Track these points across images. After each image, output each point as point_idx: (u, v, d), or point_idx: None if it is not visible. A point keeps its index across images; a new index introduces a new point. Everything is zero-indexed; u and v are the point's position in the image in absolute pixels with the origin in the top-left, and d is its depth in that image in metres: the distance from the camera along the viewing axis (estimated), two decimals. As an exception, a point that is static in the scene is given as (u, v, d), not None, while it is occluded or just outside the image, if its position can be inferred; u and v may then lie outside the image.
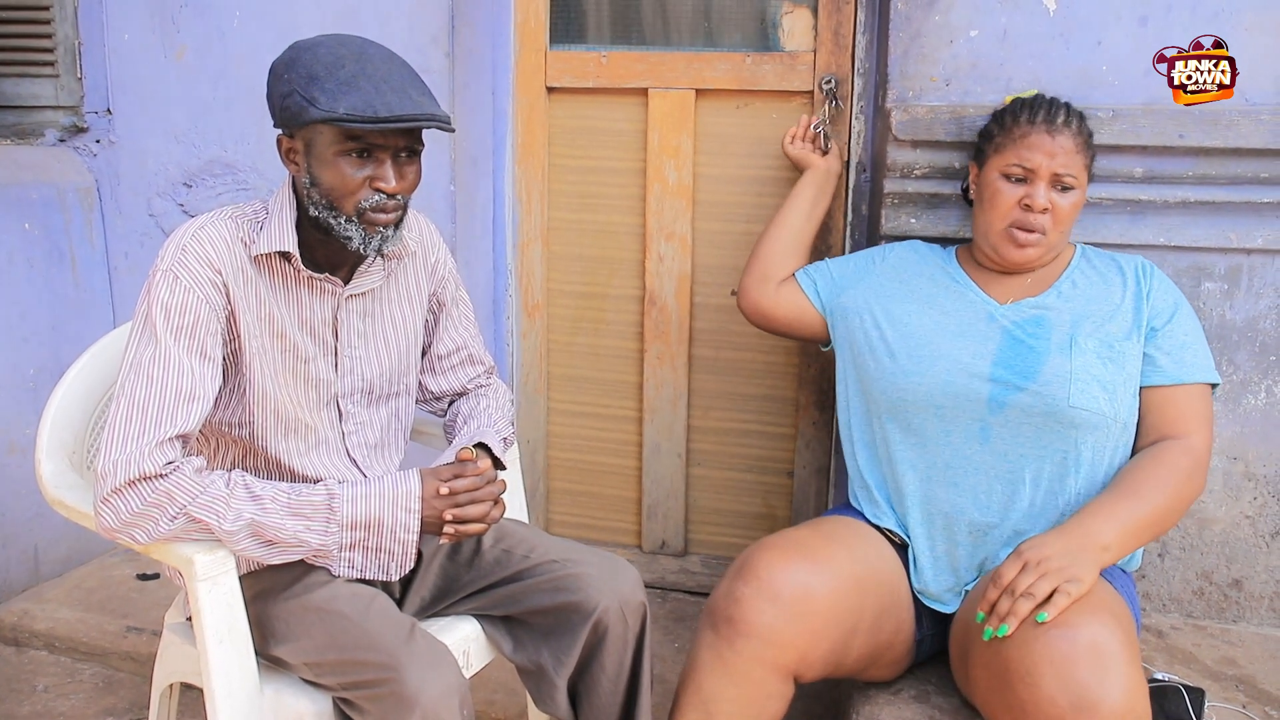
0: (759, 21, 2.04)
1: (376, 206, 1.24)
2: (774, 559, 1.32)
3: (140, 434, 1.19)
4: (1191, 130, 1.69)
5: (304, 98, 1.18)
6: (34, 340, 2.15)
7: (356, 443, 1.44)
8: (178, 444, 1.22)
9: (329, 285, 1.35)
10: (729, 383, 2.19)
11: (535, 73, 2.13)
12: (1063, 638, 1.17)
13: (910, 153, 1.80)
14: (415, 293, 1.48)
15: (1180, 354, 1.46)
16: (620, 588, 1.38)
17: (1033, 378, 1.43)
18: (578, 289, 2.23)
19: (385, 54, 1.25)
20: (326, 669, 1.27)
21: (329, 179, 1.23)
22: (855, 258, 1.70)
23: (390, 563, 1.30)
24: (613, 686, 1.38)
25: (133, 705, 1.90)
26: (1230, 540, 1.89)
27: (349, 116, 1.16)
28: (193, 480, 1.20)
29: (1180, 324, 1.48)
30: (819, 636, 1.30)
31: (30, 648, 2.07)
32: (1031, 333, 1.47)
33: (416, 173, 1.28)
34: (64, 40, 2.23)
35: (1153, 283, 1.50)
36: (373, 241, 1.27)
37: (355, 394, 1.42)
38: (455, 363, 1.58)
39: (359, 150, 1.22)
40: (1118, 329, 1.46)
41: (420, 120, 1.20)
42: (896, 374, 1.50)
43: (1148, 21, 1.73)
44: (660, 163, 2.10)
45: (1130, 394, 1.45)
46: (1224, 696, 1.71)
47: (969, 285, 1.56)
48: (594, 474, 2.32)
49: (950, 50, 1.80)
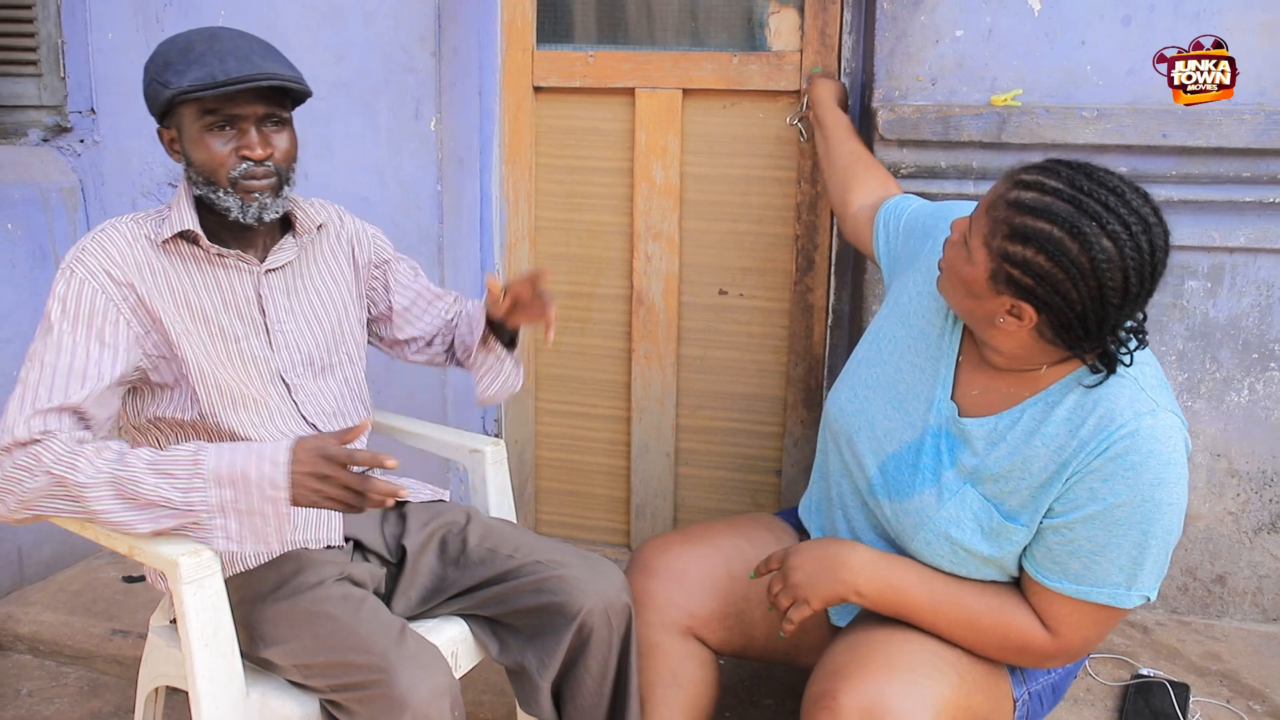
0: (745, 21, 2.04)
1: (247, 174, 1.31)
2: (653, 546, 1.49)
3: (20, 409, 1.23)
4: (1175, 130, 1.70)
5: (159, 83, 1.28)
6: (16, 341, 2.13)
7: (314, 410, 1.46)
8: (64, 418, 1.23)
9: (244, 264, 1.39)
10: (717, 382, 2.19)
11: (522, 72, 2.13)
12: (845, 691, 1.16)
13: (897, 152, 1.81)
14: (335, 263, 1.52)
15: (1064, 559, 1.19)
16: (605, 590, 1.37)
17: (899, 499, 1.30)
18: (565, 288, 2.23)
19: (237, 33, 1.32)
20: (316, 671, 1.27)
21: (200, 155, 1.31)
22: (925, 226, 1.45)
23: (266, 529, 1.21)
24: (597, 688, 1.38)
25: (118, 709, 1.89)
26: (1214, 536, 1.91)
27: (193, 86, 1.24)
28: (65, 445, 1.21)
29: (1088, 530, 1.17)
30: (702, 597, 1.43)
31: (14, 651, 2.05)
32: (936, 451, 1.28)
33: (288, 139, 1.35)
34: (47, 39, 2.21)
35: (1095, 465, 1.15)
36: (250, 209, 1.33)
37: (297, 367, 1.45)
38: (424, 305, 1.61)
39: (220, 123, 1.30)
40: (1017, 502, 1.22)
41: (258, 78, 1.26)
42: (837, 390, 1.44)
43: (1131, 21, 1.74)
44: (647, 162, 2.10)
45: (996, 568, 1.25)
46: (1208, 691, 1.73)
47: (949, 360, 1.32)
48: (582, 473, 2.32)
49: (936, 50, 1.81)
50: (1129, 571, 1.17)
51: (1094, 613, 1.19)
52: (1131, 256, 1.08)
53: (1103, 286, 1.09)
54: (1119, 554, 1.16)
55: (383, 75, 2.07)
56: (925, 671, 1.18)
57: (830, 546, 1.31)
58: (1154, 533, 1.15)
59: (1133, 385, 1.17)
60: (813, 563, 1.29)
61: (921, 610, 1.25)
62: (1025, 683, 1.31)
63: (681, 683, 1.41)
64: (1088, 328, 1.13)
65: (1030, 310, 1.13)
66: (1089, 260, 1.08)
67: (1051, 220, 1.09)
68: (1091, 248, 1.08)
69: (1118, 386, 1.17)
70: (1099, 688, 1.74)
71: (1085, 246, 1.08)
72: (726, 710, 1.81)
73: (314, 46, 2.09)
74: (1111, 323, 1.13)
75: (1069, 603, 1.20)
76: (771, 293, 2.12)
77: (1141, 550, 1.16)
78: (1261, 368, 1.82)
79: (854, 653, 1.22)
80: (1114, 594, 1.17)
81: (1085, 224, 1.08)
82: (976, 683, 1.23)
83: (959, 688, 1.19)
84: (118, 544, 1.28)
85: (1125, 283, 1.09)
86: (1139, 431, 1.14)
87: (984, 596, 1.25)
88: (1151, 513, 1.14)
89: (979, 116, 1.75)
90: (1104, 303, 1.10)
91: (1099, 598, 1.18)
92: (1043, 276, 1.10)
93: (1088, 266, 1.08)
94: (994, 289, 1.15)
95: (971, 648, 1.25)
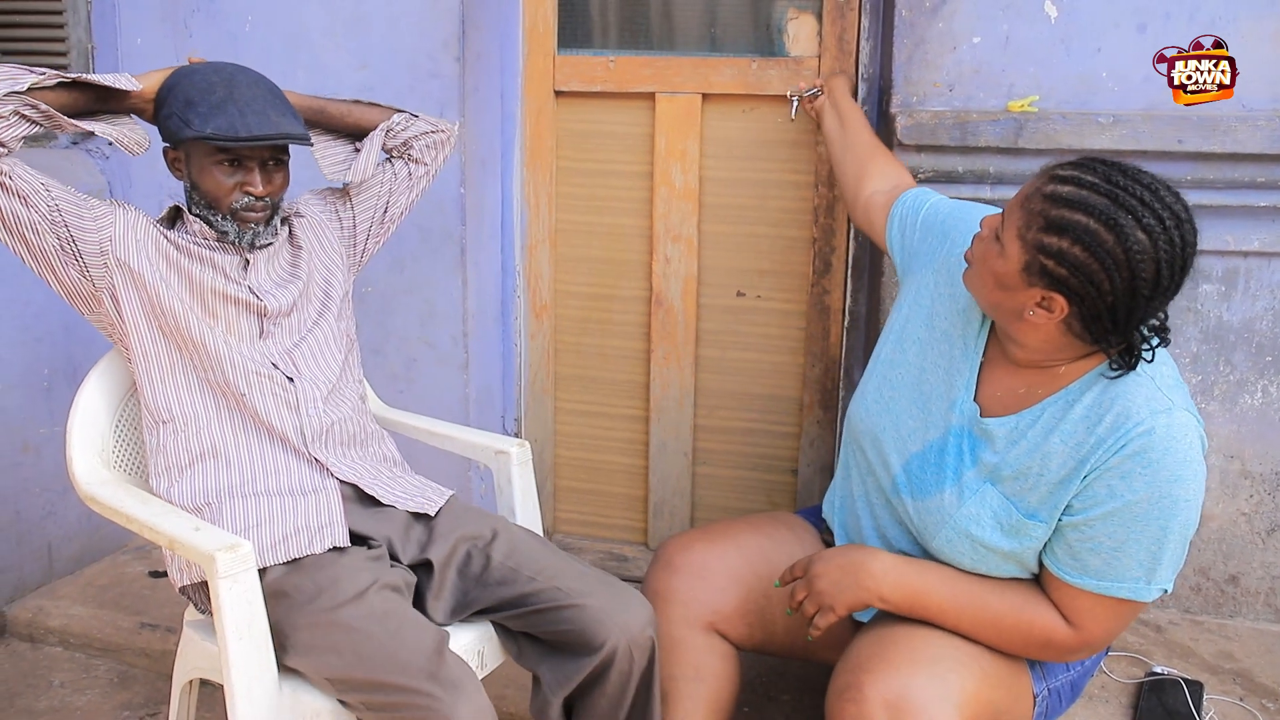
0: (764, 27, 2.07)
1: (247, 207, 1.47)
2: (675, 543, 1.52)
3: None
4: (1190, 135, 1.72)
5: (181, 119, 1.40)
6: (47, 341, 2.17)
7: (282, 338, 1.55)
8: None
9: (232, 250, 1.52)
10: (734, 382, 2.22)
11: (543, 77, 2.16)
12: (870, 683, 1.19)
13: (914, 157, 1.83)
14: (315, 230, 1.64)
15: (1084, 556, 1.22)
16: (629, 624, 1.35)
17: (921, 497, 1.33)
18: (585, 290, 2.26)
19: (251, 79, 1.46)
20: (350, 687, 1.27)
21: (206, 184, 1.45)
22: (943, 226, 1.46)
23: None
24: (611, 709, 1.38)
25: (148, 700, 1.93)
26: (1227, 537, 1.93)
27: (215, 136, 1.39)
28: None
29: (1108, 527, 1.19)
30: (724, 592, 1.46)
31: (45, 644, 2.09)
32: (958, 451, 1.31)
33: (284, 177, 1.51)
34: (77, 44, 2.25)
35: (1112, 462, 1.18)
36: (245, 235, 1.49)
37: (278, 315, 1.53)
38: (369, 183, 1.69)
39: (229, 160, 1.44)
40: (1036, 499, 1.24)
41: (275, 138, 1.42)
42: (862, 390, 1.46)
43: (1146, 29, 1.76)
44: (667, 166, 2.13)
45: (1016, 564, 1.28)
46: (1222, 689, 1.75)
47: (973, 361, 1.33)
48: (601, 472, 2.35)
49: (953, 56, 1.83)
50: (1148, 566, 1.19)
51: (1115, 606, 1.22)
52: (1164, 249, 1.11)
53: (1135, 277, 1.11)
54: (1139, 550, 1.19)
55: (407, 80, 2.10)
56: (949, 666, 1.21)
57: (853, 554, 1.33)
58: (1172, 528, 1.18)
59: (1149, 384, 1.20)
60: (837, 571, 1.32)
61: (945, 613, 1.28)
62: (1045, 679, 1.34)
63: (703, 677, 1.44)
64: (1116, 320, 1.15)
65: (1061, 301, 1.16)
66: (1124, 251, 1.11)
67: (1088, 212, 1.12)
68: (1127, 239, 1.10)
69: (1134, 385, 1.20)
70: (1114, 685, 1.76)
71: (1121, 238, 1.11)
72: (745, 705, 1.84)
73: (338, 52, 2.12)
74: (1139, 315, 1.15)
75: (1090, 598, 1.22)
76: (789, 295, 2.15)
77: (1160, 545, 1.18)
78: (1275, 370, 1.84)
79: (879, 646, 1.25)
80: (1134, 588, 1.20)
81: (1121, 216, 1.11)
82: (999, 678, 1.26)
83: (981, 682, 1.22)
84: (158, 538, 1.32)
85: (1157, 274, 1.12)
86: (1155, 429, 1.16)
87: (1006, 596, 1.27)
88: (1170, 509, 1.17)
89: (996, 122, 1.78)
90: (1135, 294, 1.13)
91: (1120, 592, 1.20)
92: (1077, 267, 1.13)
93: (1122, 257, 1.11)
94: (1026, 280, 1.17)
95: (996, 646, 1.28)
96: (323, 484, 1.48)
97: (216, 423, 1.46)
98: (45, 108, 1.35)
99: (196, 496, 1.44)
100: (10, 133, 1.33)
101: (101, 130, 1.43)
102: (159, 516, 1.36)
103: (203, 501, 1.44)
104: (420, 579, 1.46)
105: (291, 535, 1.41)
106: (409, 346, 2.21)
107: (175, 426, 1.46)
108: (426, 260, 2.16)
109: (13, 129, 1.33)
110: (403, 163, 1.72)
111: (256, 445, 1.47)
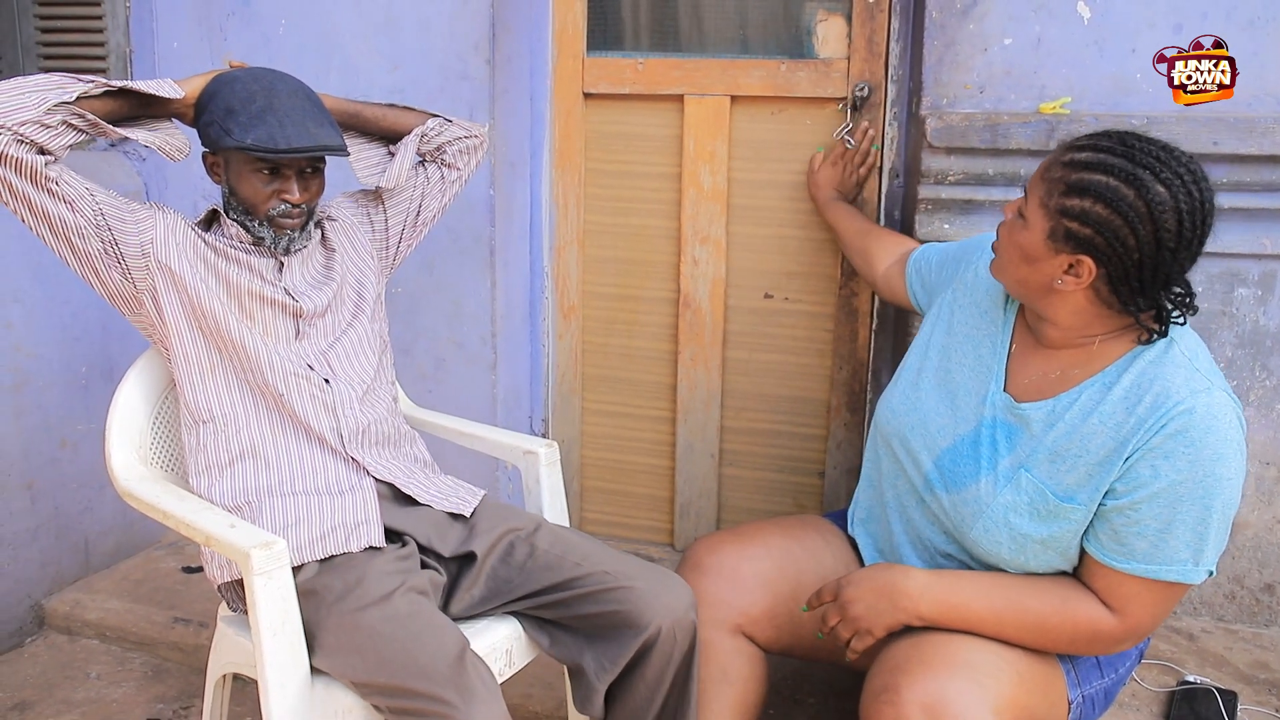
0: (793, 29, 2.07)
1: (284, 214, 1.50)
2: (704, 545, 1.53)
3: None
4: (1226, 137, 1.70)
5: (221, 128, 1.43)
6: (85, 339, 2.21)
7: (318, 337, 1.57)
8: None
9: (266, 253, 1.54)
10: (762, 384, 2.22)
11: (573, 79, 2.17)
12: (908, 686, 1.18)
13: (945, 159, 1.82)
14: (347, 233, 1.67)
15: (1130, 539, 1.21)
16: (674, 605, 1.38)
17: (956, 490, 1.34)
18: (613, 291, 2.27)
19: (291, 88, 1.48)
20: (373, 690, 1.28)
21: (245, 191, 1.48)
22: (956, 256, 1.55)
23: None
24: (649, 694, 1.39)
25: (181, 694, 1.96)
26: (1262, 545, 1.90)
27: (255, 147, 1.41)
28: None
29: (1153, 509, 1.19)
30: (753, 595, 1.46)
31: (82, 636, 2.13)
32: (992, 441, 1.32)
33: (320, 184, 1.54)
34: (116, 48, 2.29)
35: (1154, 442, 1.18)
36: (281, 241, 1.52)
37: (313, 317, 1.56)
38: (402, 187, 1.71)
39: (268, 169, 1.47)
40: (1074, 480, 1.24)
41: (314, 150, 1.44)
42: (887, 396, 1.49)
43: (1182, 29, 1.74)
44: (695, 168, 2.14)
45: (1055, 552, 1.27)
46: (1256, 700, 1.73)
47: (1000, 354, 1.36)
48: (627, 473, 2.36)
49: (984, 58, 1.82)
50: (1195, 547, 1.19)
51: (1162, 590, 1.22)
52: (1184, 200, 1.15)
53: (1159, 229, 1.14)
54: (1184, 530, 1.19)
55: (438, 83, 2.12)
56: (986, 670, 1.20)
57: (885, 575, 1.33)
58: (1215, 508, 1.18)
59: (1188, 365, 1.21)
60: (871, 595, 1.31)
61: (985, 622, 1.27)
62: (1080, 685, 1.33)
63: (731, 679, 1.44)
64: (1143, 279, 1.18)
65: (1089, 263, 1.19)
66: (1145, 204, 1.14)
67: (1107, 171, 1.16)
68: (1147, 192, 1.14)
69: (1172, 367, 1.21)
70: (1145, 693, 1.75)
71: (1141, 191, 1.14)
72: (770, 708, 1.84)
73: (370, 54, 2.14)
74: (1164, 271, 1.18)
75: (1137, 583, 1.22)
76: (816, 297, 2.15)
77: (1205, 525, 1.18)
78: (1313, 376, 1.82)
79: (916, 650, 1.24)
80: (1182, 570, 1.20)
81: (1140, 172, 1.15)
82: (1035, 683, 1.25)
83: (1018, 687, 1.22)
84: (195, 534, 1.34)
85: (1180, 226, 1.15)
86: (1195, 409, 1.17)
87: (1045, 595, 1.27)
88: (1213, 487, 1.17)
89: (1027, 124, 1.77)
90: (1160, 246, 1.15)
91: (1168, 575, 1.20)
92: (1101, 224, 1.16)
93: (1144, 210, 1.14)
94: (1052, 248, 1.21)
95: (1043, 647, 1.27)
96: (359, 482, 1.50)
97: (256, 423, 1.49)
98: (91, 117, 1.38)
99: (237, 495, 1.46)
100: (58, 141, 1.35)
101: (144, 138, 1.45)
102: (195, 513, 1.38)
103: (243, 500, 1.46)
104: (458, 570, 1.48)
105: (329, 533, 1.42)
106: (437, 346, 2.23)
107: (215, 426, 1.48)
108: (455, 261, 2.18)
109: (60, 138, 1.36)
110: (435, 167, 1.73)
111: (295, 445, 1.49)
